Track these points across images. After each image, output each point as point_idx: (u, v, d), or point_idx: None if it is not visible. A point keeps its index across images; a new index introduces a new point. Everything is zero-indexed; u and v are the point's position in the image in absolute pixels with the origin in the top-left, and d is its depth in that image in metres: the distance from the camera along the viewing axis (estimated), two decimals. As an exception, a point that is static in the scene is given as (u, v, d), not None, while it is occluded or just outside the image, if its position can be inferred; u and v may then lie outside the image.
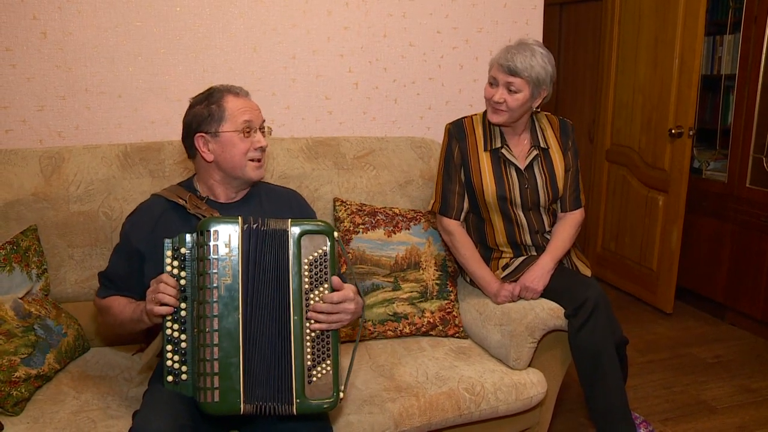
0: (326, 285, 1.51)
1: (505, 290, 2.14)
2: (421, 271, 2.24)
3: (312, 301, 1.50)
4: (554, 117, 2.28)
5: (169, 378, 1.51)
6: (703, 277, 3.72)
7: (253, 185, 1.82)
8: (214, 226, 1.47)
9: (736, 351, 3.24)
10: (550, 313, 2.04)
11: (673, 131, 3.49)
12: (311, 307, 1.50)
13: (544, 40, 2.90)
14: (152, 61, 2.35)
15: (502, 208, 2.19)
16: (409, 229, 2.29)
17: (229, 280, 1.46)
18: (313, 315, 1.50)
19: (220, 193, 1.76)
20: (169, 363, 1.51)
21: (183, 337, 1.50)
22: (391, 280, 2.22)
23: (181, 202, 1.70)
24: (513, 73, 2.04)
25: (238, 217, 1.49)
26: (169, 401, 1.50)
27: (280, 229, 1.50)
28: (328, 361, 1.51)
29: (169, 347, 1.50)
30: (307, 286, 1.50)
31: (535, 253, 2.23)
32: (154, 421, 1.43)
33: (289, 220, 1.51)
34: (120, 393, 1.81)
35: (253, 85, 2.48)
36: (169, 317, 1.49)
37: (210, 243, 1.45)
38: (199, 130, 1.68)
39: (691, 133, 3.43)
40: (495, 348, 2.10)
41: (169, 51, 2.37)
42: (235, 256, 1.47)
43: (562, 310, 2.05)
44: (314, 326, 1.50)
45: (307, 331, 1.50)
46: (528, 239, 2.23)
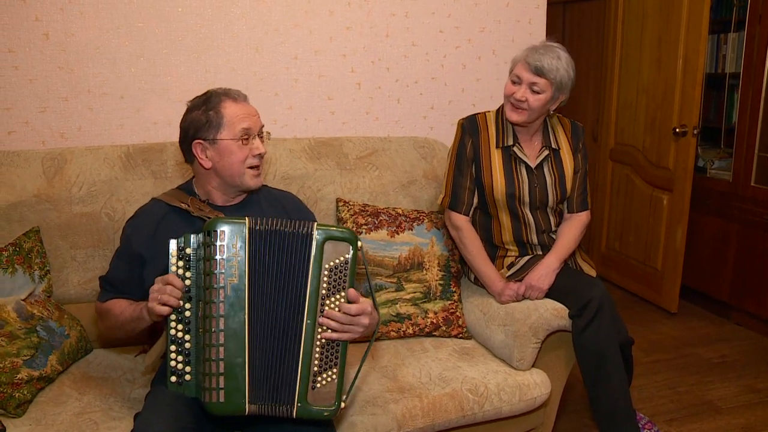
0: (344, 293, 1.50)
1: (510, 289, 2.13)
2: (425, 272, 2.24)
3: (327, 308, 1.49)
4: (566, 119, 2.28)
5: (173, 378, 1.50)
6: (708, 277, 3.70)
7: (251, 191, 1.81)
8: (221, 227, 1.46)
9: (742, 351, 3.23)
10: (554, 313, 2.03)
11: (678, 130, 3.47)
12: (326, 314, 1.48)
13: (547, 40, 2.90)
14: (154, 62, 2.35)
15: (510, 206, 2.18)
16: (412, 230, 2.28)
17: (235, 281, 1.46)
18: (326, 322, 1.48)
19: (218, 198, 1.76)
20: (173, 363, 1.50)
21: (187, 338, 1.50)
22: (394, 280, 2.21)
23: (184, 206, 1.69)
24: (539, 73, 2.04)
25: (245, 218, 1.49)
26: (171, 403, 1.50)
27: (300, 232, 1.48)
28: (335, 369, 1.51)
29: (173, 347, 1.50)
30: (324, 292, 1.49)
31: (540, 253, 2.22)
32: (156, 423, 1.43)
33: (315, 224, 1.49)
34: (122, 394, 1.81)
35: (256, 86, 2.48)
36: (173, 318, 1.49)
37: (216, 243, 1.45)
38: (196, 137, 1.67)
39: (695, 132, 3.42)
40: (498, 348, 2.09)
41: (171, 52, 2.36)
42: (241, 256, 1.46)
43: (566, 311, 2.04)
44: (325, 334, 1.49)
45: (318, 337, 1.49)
46: (534, 238, 2.22)
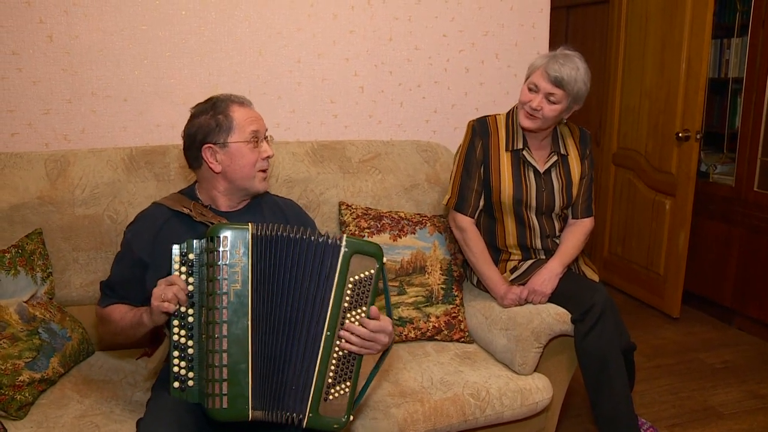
0: (365, 308, 1.50)
1: (513, 293, 2.13)
2: (427, 276, 2.23)
3: (347, 321, 1.49)
4: (575, 126, 2.28)
5: (176, 384, 1.49)
6: (710, 282, 3.69)
7: (255, 196, 1.81)
8: (224, 232, 1.46)
9: (744, 356, 3.22)
10: (556, 317, 2.03)
11: (680, 135, 3.47)
12: (346, 327, 1.48)
13: (550, 44, 2.90)
14: (158, 64, 2.35)
15: (516, 210, 2.18)
16: (414, 234, 2.28)
17: (238, 287, 1.45)
18: (347, 335, 1.48)
19: (222, 203, 1.75)
20: (176, 369, 1.49)
21: (190, 343, 1.49)
22: (397, 284, 2.21)
23: (186, 211, 1.69)
24: (558, 84, 2.03)
25: (249, 224, 1.48)
26: (174, 410, 1.49)
27: (320, 241, 1.48)
28: (348, 383, 1.51)
29: (176, 353, 1.49)
30: (346, 305, 1.49)
31: (543, 257, 2.22)
32: (159, 429, 1.43)
33: (344, 236, 1.49)
34: (124, 397, 1.80)
35: (259, 89, 2.48)
36: (176, 323, 1.48)
37: (220, 249, 1.44)
38: (206, 141, 1.67)
39: (698, 137, 3.41)
40: (500, 353, 2.08)
41: (174, 54, 2.37)
42: (245, 262, 1.46)
43: (569, 315, 2.04)
44: (344, 345, 1.49)
45: (336, 349, 1.49)
46: (538, 243, 2.22)
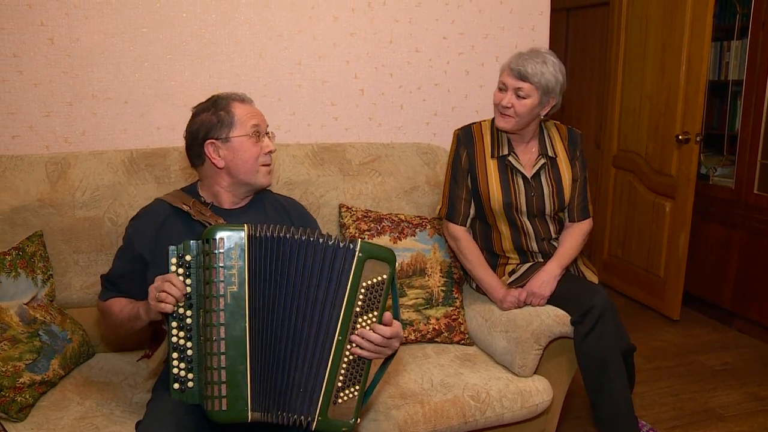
0: (376, 312, 1.50)
1: (511, 296, 2.13)
2: (427, 278, 2.23)
3: (359, 326, 1.48)
4: (563, 126, 2.27)
5: (176, 386, 1.49)
6: (710, 284, 3.69)
7: (257, 192, 1.81)
8: (220, 234, 1.45)
9: (744, 358, 3.22)
10: (556, 319, 2.03)
11: (680, 137, 3.47)
12: (360, 333, 1.48)
13: (550, 46, 2.89)
14: (158, 67, 2.36)
15: (508, 215, 2.18)
16: (414, 236, 2.28)
17: (235, 289, 1.45)
18: (358, 341, 1.48)
19: (225, 200, 1.76)
20: (176, 371, 1.49)
21: (189, 345, 1.49)
22: (397, 286, 2.21)
23: (185, 208, 1.69)
24: (523, 77, 2.04)
25: (245, 225, 1.48)
26: (173, 411, 1.49)
27: (330, 244, 1.47)
28: (357, 387, 1.50)
29: (175, 355, 1.49)
30: (357, 309, 1.48)
31: (541, 260, 2.22)
32: (158, 431, 1.43)
33: (359, 240, 1.48)
34: (124, 399, 1.81)
35: (259, 91, 2.48)
36: (175, 325, 1.48)
37: (215, 251, 1.44)
38: (208, 137, 1.68)
39: (698, 139, 3.42)
40: (500, 355, 2.09)
41: (175, 57, 2.37)
42: (241, 264, 1.45)
43: (568, 317, 2.04)
44: (355, 351, 1.49)
45: (347, 353, 1.49)
46: (534, 246, 2.22)
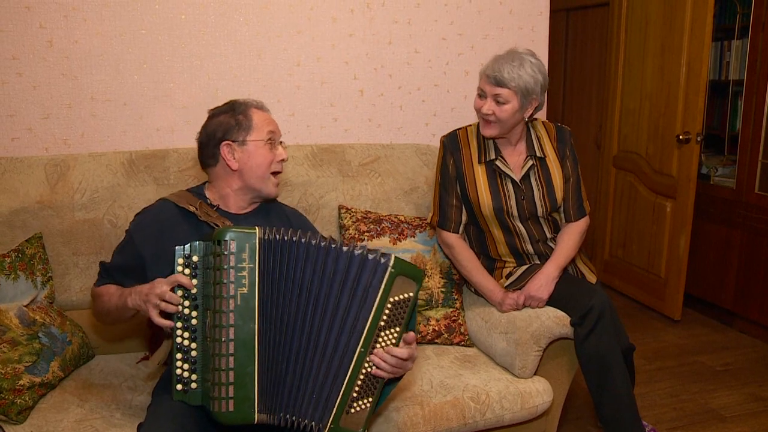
0: (398, 328, 1.50)
1: (510, 299, 2.12)
2: (427, 279, 2.23)
3: (381, 339, 1.49)
4: (551, 124, 2.25)
5: (179, 386, 1.49)
6: (711, 284, 3.69)
7: (264, 201, 1.82)
8: (231, 235, 1.45)
9: (745, 359, 3.21)
10: (555, 321, 2.03)
11: (681, 137, 3.47)
12: (378, 354, 1.48)
13: (550, 47, 2.90)
14: (157, 68, 2.36)
15: (499, 220, 2.17)
16: (414, 237, 2.28)
17: (245, 290, 1.45)
18: (378, 361, 1.48)
19: (233, 203, 1.76)
20: (179, 371, 1.49)
21: (193, 346, 1.48)
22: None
23: (192, 209, 1.69)
24: (500, 84, 2.01)
25: (256, 228, 1.48)
26: (174, 414, 1.49)
27: (352, 253, 1.47)
28: (371, 399, 1.51)
29: (179, 355, 1.49)
30: (382, 324, 1.48)
31: (538, 262, 2.21)
32: None
33: (392, 255, 1.48)
34: (124, 401, 1.80)
35: (258, 92, 2.48)
36: (180, 325, 1.48)
37: (226, 252, 1.44)
38: (225, 138, 1.71)
39: (698, 139, 3.41)
40: (500, 356, 2.08)
41: (174, 58, 2.37)
42: (252, 266, 1.45)
43: (568, 318, 2.03)
44: (375, 371, 1.49)
45: (366, 366, 1.49)
46: (530, 248, 2.21)
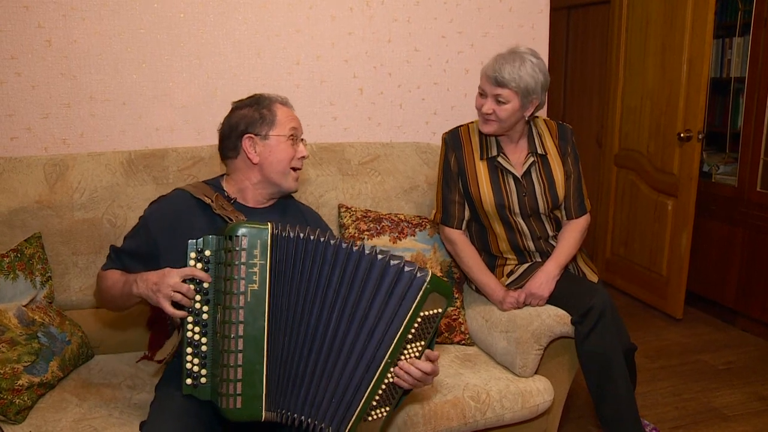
0: (423, 342, 1.50)
1: (511, 297, 2.12)
2: (427, 278, 2.22)
3: (406, 351, 1.49)
4: (552, 122, 2.24)
5: (188, 381, 1.48)
6: (713, 283, 3.68)
7: (282, 197, 1.82)
8: (243, 231, 1.44)
9: (748, 357, 3.20)
10: (556, 319, 2.02)
11: (682, 135, 3.45)
12: (403, 367, 1.48)
13: (550, 45, 2.89)
14: (156, 68, 2.35)
15: (501, 216, 2.16)
16: (414, 236, 2.27)
17: (256, 287, 1.44)
18: (401, 373, 1.48)
19: (250, 197, 1.76)
20: (189, 366, 1.48)
21: (204, 341, 1.48)
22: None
23: (207, 201, 1.68)
24: (500, 84, 2.01)
25: (268, 223, 1.47)
26: (178, 411, 1.48)
27: (386, 262, 1.47)
28: (388, 408, 1.51)
29: (190, 350, 1.48)
30: (410, 336, 1.48)
31: (539, 260, 2.21)
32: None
33: (429, 270, 1.48)
34: (123, 400, 1.80)
35: (257, 91, 2.42)
36: (190, 320, 1.47)
37: (237, 248, 1.43)
38: (248, 131, 1.71)
39: (700, 137, 3.40)
40: (501, 355, 2.07)
41: (173, 58, 2.37)
42: (263, 262, 1.44)
43: (569, 317, 2.03)
44: (397, 381, 1.49)
45: (389, 376, 1.49)
46: (531, 245, 2.20)
